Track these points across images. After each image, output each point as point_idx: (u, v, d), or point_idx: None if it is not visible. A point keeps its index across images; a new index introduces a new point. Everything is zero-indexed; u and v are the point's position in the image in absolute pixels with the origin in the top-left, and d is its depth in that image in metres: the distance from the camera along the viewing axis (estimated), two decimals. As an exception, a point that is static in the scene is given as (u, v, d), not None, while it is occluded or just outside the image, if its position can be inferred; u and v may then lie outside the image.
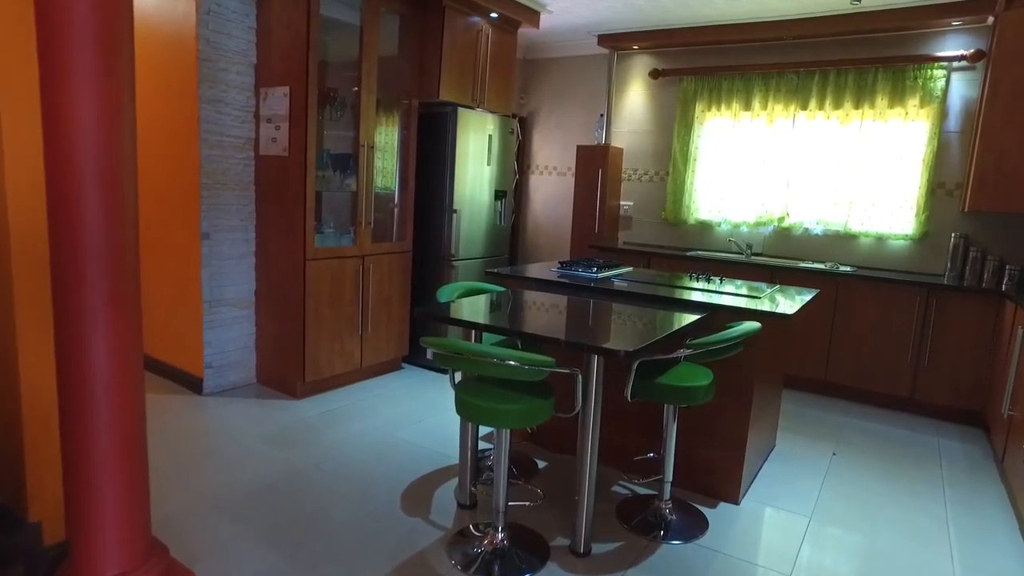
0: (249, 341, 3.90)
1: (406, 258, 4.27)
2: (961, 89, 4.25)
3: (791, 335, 4.39)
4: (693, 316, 2.57)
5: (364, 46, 3.72)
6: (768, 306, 2.74)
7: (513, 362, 1.95)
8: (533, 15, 4.61)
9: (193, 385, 3.75)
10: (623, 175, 5.67)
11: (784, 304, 2.83)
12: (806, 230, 4.84)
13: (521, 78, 6.06)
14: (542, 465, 3.08)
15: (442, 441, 3.28)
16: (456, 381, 2.29)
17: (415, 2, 4.04)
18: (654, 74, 5.38)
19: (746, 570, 2.30)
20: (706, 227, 5.27)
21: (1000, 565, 2.42)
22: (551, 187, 6.05)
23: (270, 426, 3.33)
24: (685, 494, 2.85)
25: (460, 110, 4.20)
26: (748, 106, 4.95)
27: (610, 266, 3.63)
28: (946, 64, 4.25)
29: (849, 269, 4.42)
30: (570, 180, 5.87)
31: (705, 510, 2.71)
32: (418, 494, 2.71)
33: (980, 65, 4.16)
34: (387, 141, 4.20)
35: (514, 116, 4.88)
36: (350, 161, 3.89)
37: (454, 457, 3.09)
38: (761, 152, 4.93)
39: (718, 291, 3.08)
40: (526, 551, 2.31)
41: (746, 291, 3.12)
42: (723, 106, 5.06)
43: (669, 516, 2.59)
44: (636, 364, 2.32)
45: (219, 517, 2.44)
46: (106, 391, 1.72)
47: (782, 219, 4.89)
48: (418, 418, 3.57)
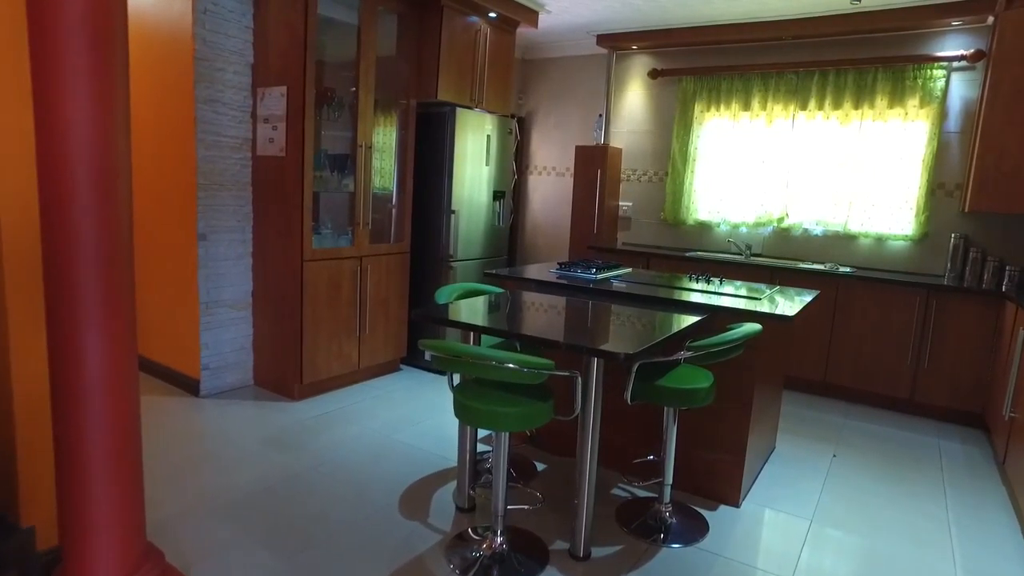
0: (246, 343, 3.88)
1: (404, 259, 4.25)
2: (961, 89, 4.24)
3: (791, 336, 4.37)
4: (693, 318, 2.55)
5: (362, 46, 3.70)
6: (768, 307, 2.72)
7: (512, 365, 1.93)
8: (532, 15, 4.59)
9: (190, 387, 3.73)
10: (622, 175, 5.65)
11: (785, 305, 2.81)
12: (805, 231, 4.83)
13: (520, 78, 6.04)
14: (541, 467, 3.06)
15: (440, 443, 3.26)
16: (454, 384, 2.27)
17: (413, 2, 4.02)
18: (653, 74, 5.37)
19: (747, 574, 2.28)
20: (705, 228, 5.25)
21: (1002, 568, 2.41)
22: (550, 187, 6.03)
23: (267, 428, 3.31)
24: (685, 497, 2.83)
25: (458, 110, 4.18)
26: (747, 106, 4.94)
27: (609, 267, 3.61)
28: (946, 64, 4.24)
29: (849, 270, 4.40)
30: (569, 180, 5.85)
31: (705, 513, 2.69)
32: (416, 497, 2.69)
33: (980, 65, 4.15)
34: (385, 141, 4.18)
35: (513, 116, 4.86)
36: (348, 161, 3.87)
37: (452, 459, 3.07)
38: (760, 152, 4.92)
39: (718, 292, 3.06)
40: (525, 555, 2.29)
41: (746, 292, 3.10)
42: (722, 106, 5.04)
43: (669, 519, 2.57)
44: (636, 366, 2.30)
45: (215, 521, 2.42)
46: (100, 393, 1.70)
47: (781, 220, 4.87)
48: (416, 420, 3.55)
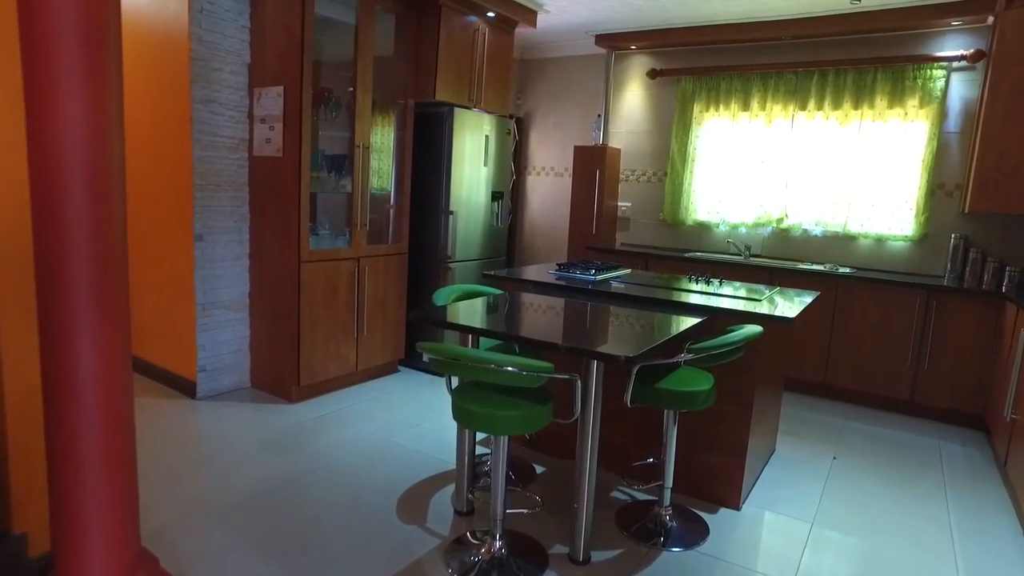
0: (243, 344, 3.85)
1: (402, 260, 4.23)
2: (961, 89, 4.22)
3: (791, 338, 4.35)
4: (693, 319, 2.53)
5: (359, 45, 3.68)
6: (769, 309, 2.70)
7: (511, 368, 1.91)
8: (530, 14, 4.57)
9: (186, 389, 3.70)
10: (621, 176, 5.63)
11: (785, 307, 2.79)
12: (805, 231, 4.82)
13: (518, 78, 6.02)
14: (540, 470, 3.04)
15: (438, 446, 3.24)
16: (453, 387, 2.25)
17: (411, 1, 3.99)
18: (652, 74, 5.35)
19: (748, 578, 2.27)
20: (704, 228, 5.24)
21: (1005, 572, 2.39)
22: (548, 188, 6.01)
23: (264, 431, 3.28)
24: (685, 499, 2.81)
25: (456, 110, 4.16)
26: (747, 106, 4.92)
27: (608, 268, 3.59)
28: (946, 64, 4.23)
29: (848, 270, 4.39)
30: (567, 181, 5.83)
31: (705, 516, 2.67)
32: (414, 501, 2.66)
33: (980, 65, 4.14)
34: (383, 142, 4.15)
35: (511, 116, 4.84)
36: (345, 162, 3.84)
37: (451, 462, 3.04)
38: (760, 153, 4.90)
39: (717, 293, 3.04)
40: (524, 559, 2.27)
41: (746, 293, 3.08)
42: (721, 106, 5.02)
43: (669, 522, 2.55)
44: (636, 369, 2.28)
45: (211, 526, 2.39)
46: (93, 396, 1.67)
47: (781, 220, 4.86)
48: (414, 422, 3.53)
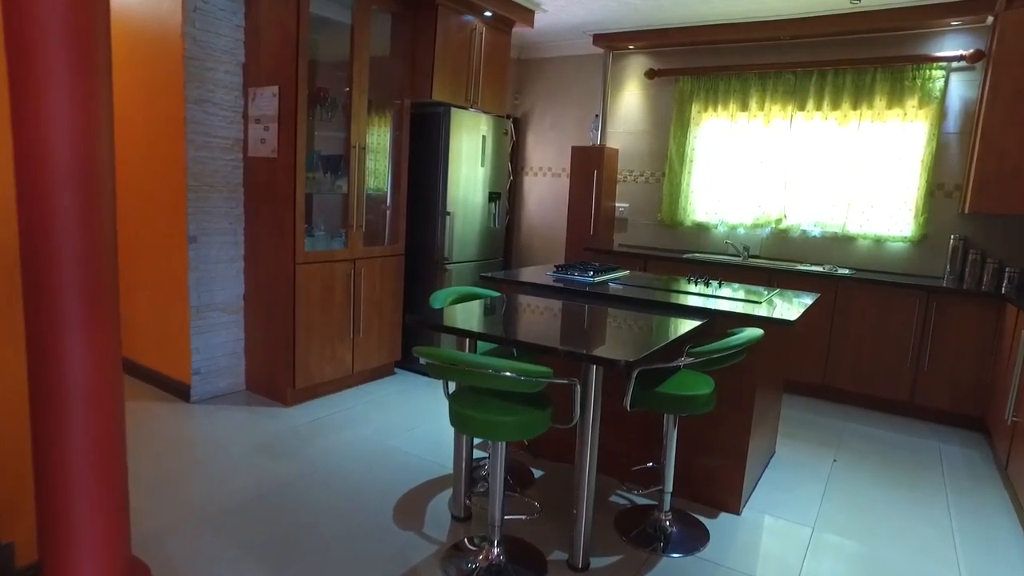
0: (238, 347, 3.81)
1: (398, 261, 4.19)
2: (960, 90, 4.21)
3: (791, 340, 4.33)
4: (693, 322, 2.50)
5: (355, 45, 3.64)
6: (769, 311, 2.67)
7: (509, 373, 1.88)
8: (527, 14, 4.54)
9: (180, 392, 3.66)
10: (618, 176, 5.60)
11: (786, 309, 2.76)
12: (804, 232, 4.79)
13: (515, 78, 5.99)
14: (538, 474, 3.01)
15: (435, 449, 3.20)
16: (450, 391, 2.22)
17: (407, 1, 3.96)
18: (650, 74, 5.32)
19: (749, 584, 2.24)
20: (703, 229, 5.21)
21: (1007, 577, 2.37)
22: (545, 189, 5.98)
23: (259, 435, 3.24)
24: (684, 504, 2.78)
25: (453, 110, 4.12)
26: (745, 107, 4.90)
27: (606, 270, 3.56)
28: (945, 64, 4.21)
29: (848, 271, 4.37)
30: (565, 181, 5.80)
31: (705, 521, 2.64)
32: (411, 506, 2.63)
33: (979, 65, 4.12)
34: (379, 142, 4.12)
35: (508, 117, 4.81)
36: (341, 162, 3.81)
37: (448, 466, 3.01)
38: (758, 153, 4.87)
39: (717, 295, 3.01)
40: (523, 566, 2.24)
41: (746, 295, 3.06)
42: (720, 107, 5.00)
43: (669, 528, 2.52)
44: (636, 373, 2.25)
45: (205, 532, 2.36)
46: (82, 401, 1.63)
47: (779, 221, 4.84)
48: (411, 425, 3.50)
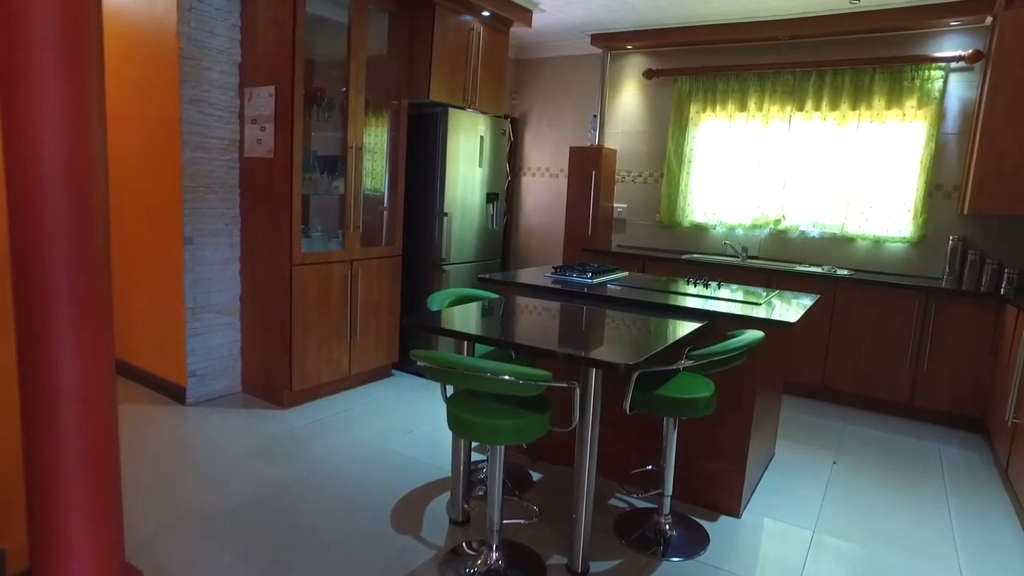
0: (234, 349, 3.79)
1: (396, 262, 4.17)
2: (959, 90, 4.20)
3: (791, 341, 4.32)
4: (693, 324, 2.49)
5: (352, 45, 3.62)
6: (769, 313, 2.66)
7: (508, 377, 1.86)
8: (525, 14, 4.52)
9: (176, 395, 3.63)
10: (616, 177, 5.59)
11: (786, 311, 2.75)
12: (802, 233, 4.78)
13: (513, 78, 5.97)
14: (537, 477, 2.99)
15: (433, 452, 3.18)
16: (448, 394, 2.19)
17: (405, 0, 3.93)
18: (648, 74, 5.30)
19: (750, 589, 2.22)
20: (701, 230, 5.20)
21: (1009, 580, 2.36)
22: (543, 189, 5.96)
23: (256, 438, 3.22)
24: (684, 507, 2.76)
25: (451, 110, 4.10)
26: (744, 107, 4.88)
27: (605, 271, 3.54)
28: (944, 65, 4.20)
29: (846, 272, 4.35)
30: (563, 182, 5.78)
31: (705, 524, 2.62)
32: (409, 509, 2.61)
33: (978, 66, 4.11)
34: (376, 142, 4.09)
35: (506, 117, 4.79)
36: (338, 163, 3.78)
37: (446, 469, 2.99)
38: (757, 154, 4.86)
39: (716, 297, 3.00)
40: (522, 571, 2.22)
41: (746, 297, 3.04)
42: (718, 107, 4.98)
43: (669, 531, 2.50)
44: (636, 376, 2.23)
45: (200, 537, 2.33)
46: (74, 407, 1.61)
47: (778, 222, 4.82)
48: (409, 427, 3.47)
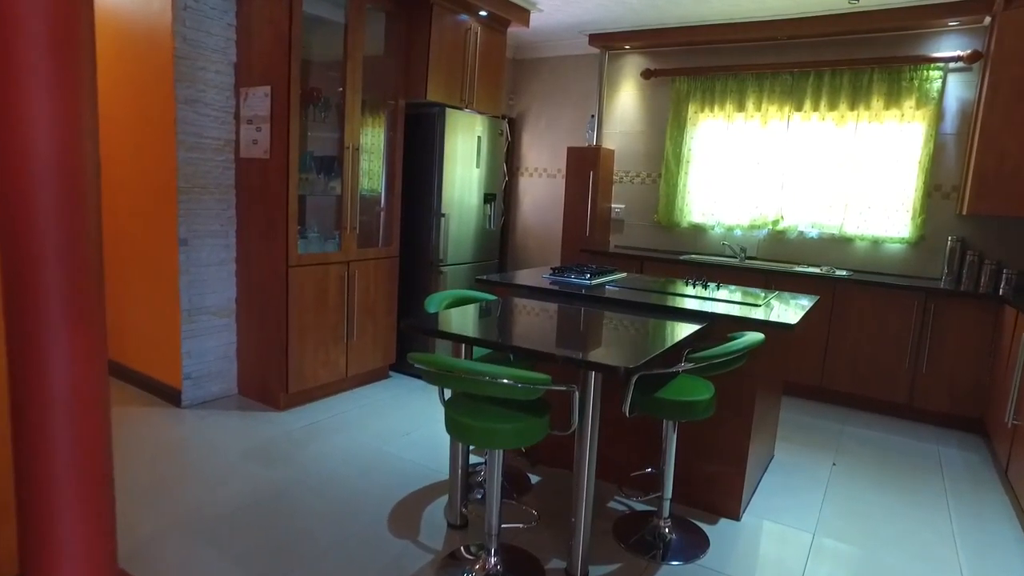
0: (230, 351, 3.76)
1: (393, 263, 4.15)
2: (957, 90, 4.19)
3: (790, 342, 4.30)
4: (692, 326, 2.47)
5: (349, 45, 3.59)
6: (769, 315, 2.64)
7: (507, 380, 1.84)
8: (523, 13, 4.50)
9: (171, 397, 3.60)
10: (614, 177, 5.57)
11: (786, 312, 2.73)
12: (801, 233, 4.77)
13: (510, 78, 5.95)
14: (535, 480, 2.97)
15: (431, 454, 3.16)
16: (446, 398, 2.17)
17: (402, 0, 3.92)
18: (646, 74, 5.29)
19: (750, 593, 2.21)
20: (699, 230, 5.18)
21: (1010, 583, 2.35)
22: (541, 189, 5.94)
23: (252, 440, 3.19)
24: (683, 509, 2.75)
25: (448, 111, 4.08)
26: (742, 107, 4.87)
27: (603, 272, 3.52)
28: (942, 65, 4.19)
29: (845, 273, 4.34)
30: (560, 182, 5.77)
31: (705, 527, 2.61)
32: (407, 513, 2.59)
33: (976, 66, 4.10)
34: (373, 143, 4.07)
35: (503, 117, 4.76)
36: (335, 163, 3.76)
37: (444, 472, 2.97)
38: (755, 154, 4.85)
39: (715, 298, 2.98)
40: (520, 575, 2.20)
41: (745, 298, 3.03)
42: (716, 107, 4.97)
43: (668, 535, 2.49)
44: (635, 378, 2.21)
45: (195, 542, 2.30)
46: (66, 412, 1.58)
47: (776, 222, 4.81)
48: (406, 430, 3.45)
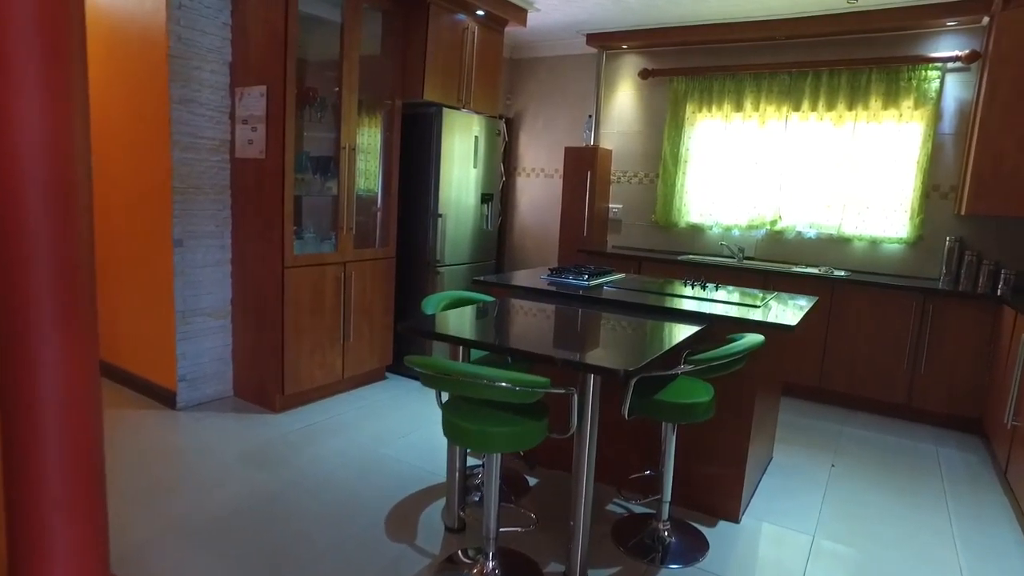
0: (225, 352, 3.73)
1: (389, 264, 4.12)
2: (955, 90, 4.18)
3: (790, 344, 4.29)
4: (692, 328, 2.45)
5: (345, 44, 3.57)
6: (768, 316, 2.62)
7: (505, 383, 1.82)
8: (520, 13, 4.48)
9: (166, 399, 3.57)
10: (612, 177, 5.55)
11: (785, 313, 2.72)
12: (799, 233, 4.76)
13: (508, 78, 5.93)
14: (533, 482, 2.95)
15: (428, 457, 3.14)
16: (443, 400, 2.15)
17: (398, -1, 3.89)
18: (644, 74, 5.27)
19: (750, 596, 2.19)
20: (697, 231, 5.17)
21: (1011, 585, 2.34)
22: (538, 190, 5.92)
23: (247, 443, 3.17)
24: (682, 512, 2.73)
25: (445, 111, 4.06)
26: (740, 107, 4.86)
27: (601, 273, 3.50)
28: (940, 65, 4.18)
29: (843, 273, 4.33)
30: (558, 182, 5.75)
31: (704, 530, 2.59)
32: (404, 517, 2.56)
33: (975, 66, 4.10)
34: (369, 143, 4.05)
35: (500, 117, 4.74)
36: (331, 164, 3.73)
37: (441, 475, 2.95)
38: (753, 154, 4.84)
39: (714, 299, 2.97)
40: (518, 580, 2.18)
41: (744, 299, 3.01)
42: (714, 107, 4.96)
43: (668, 538, 2.47)
44: (634, 381, 2.19)
45: (190, 545, 2.28)
46: (56, 415, 1.55)
47: (774, 222, 4.80)
48: (403, 432, 3.43)
